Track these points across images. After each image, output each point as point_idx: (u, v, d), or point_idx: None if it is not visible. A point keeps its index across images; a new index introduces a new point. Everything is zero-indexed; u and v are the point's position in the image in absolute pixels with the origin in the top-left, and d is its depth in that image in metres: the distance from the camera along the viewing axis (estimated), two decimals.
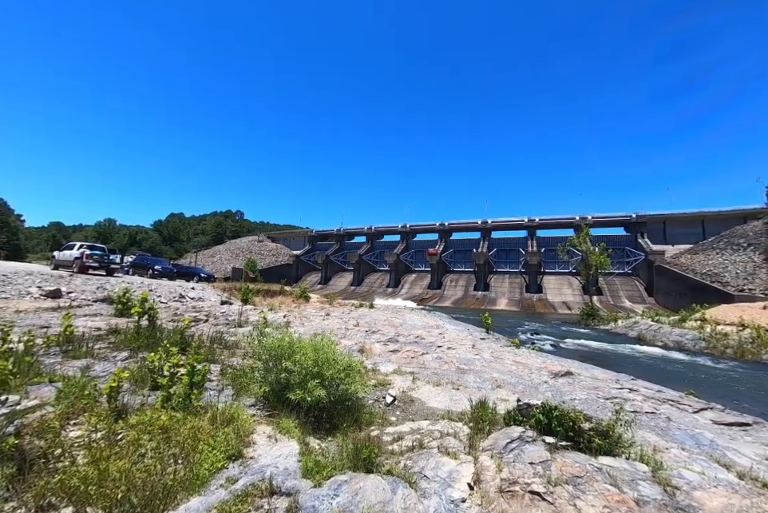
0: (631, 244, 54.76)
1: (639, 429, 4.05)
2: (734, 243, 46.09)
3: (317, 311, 14.63)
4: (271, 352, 4.45)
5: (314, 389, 3.80)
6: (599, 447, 3.21)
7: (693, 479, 2.92)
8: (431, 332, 10.36)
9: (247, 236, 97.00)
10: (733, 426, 4.69)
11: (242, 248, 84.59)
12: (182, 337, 6.28)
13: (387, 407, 4.61)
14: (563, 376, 6.19)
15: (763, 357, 13.97)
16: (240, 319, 10.41)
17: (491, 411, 3.99)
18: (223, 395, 4.39)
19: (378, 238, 79.25)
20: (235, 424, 3.52)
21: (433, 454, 3.09)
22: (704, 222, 53.28)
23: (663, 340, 17.71)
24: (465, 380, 5.60)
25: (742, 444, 4.02)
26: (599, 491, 2.58)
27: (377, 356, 6.92)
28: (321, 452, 3.25)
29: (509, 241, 65.71)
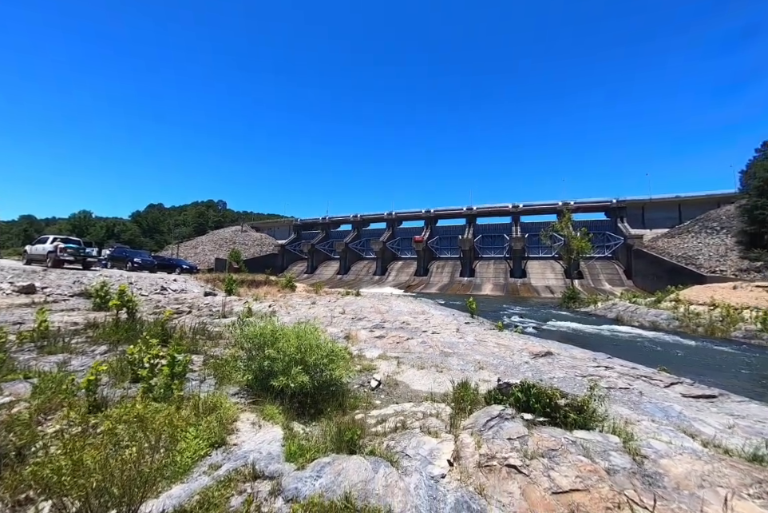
0: (611, 229, 56.12)
1: (613, 403, 4.23)
2: (707, 226, 47.77)
3: (303, 300, 14.58)
4: (254, 341, 4.42)
5: (298, 375, 3.81)
6: (575, 422, 3.33)
7: (660, 449, 3.08)
8: (417, 317, 10.49)
9: (231, 227, 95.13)
10: (700, 398, 4.95)
11: (225, 238, 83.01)
12: (163, 329, 6.18)
13: (372, 391, 4.68)
14: (543, 357, 6.39)
15: (732, 334, 14.71)
16: (224, 310, 10.29)
17: (473, 391, 4.09)
18: (205, 384, 4.36)
19: (364, 226, 78.87)
20: (218, 413, 3.51)
21: (416, 434, 3.16)
22: (680, 207, 54.87)
23: (640, 320, 18.42)
24: (449, 363, 5.71)
25: (708, 415, 4.25)
26: (572, 462, 2.69)
27: (362, 342, 6.97)
28: (305, 436, 3.28)
29: (494, 227, 66.37)
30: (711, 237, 46.12)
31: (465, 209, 67.20)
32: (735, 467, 2.84)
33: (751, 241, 40.20)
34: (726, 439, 3.53)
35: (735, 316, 16.00)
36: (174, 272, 24.01)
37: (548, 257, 57.88)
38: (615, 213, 57.08)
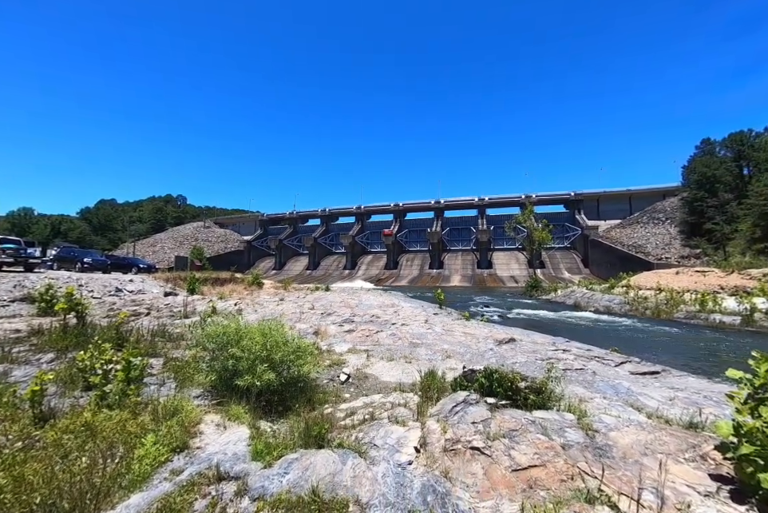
0: (569, 220, 59.15)
1: (570, 383, 4.50)
2: (654, 217, 51.62)
3: (271, 297, 14.26)
4: (217, 340, 4.28)
5: (264, 373, 3.74)
6: (534, 403, 3.52)
7: (610, 422, 3.32)
8: (386, 310, 10.58)
9: (192, 223, 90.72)
10: (646, 375, 5.38)
11: (186, 235, 79.17)
12: (118, 333, 5.83)
13: (342, 385, 4.68)
14: (506, 343, 6.67)
15: (675, 316, 16.06)
16: (186, 310, 9.86)
17: (440, 379, 4.20)
18: (165, 388, 4.17)
19: (333, 220, 78.05)
20: (180, 416, 3.38)
21: (384, 424, 3.21)
22: (631, 199, 58.77)
23: (595, 305, 19.66)
24: (418, 354, 5.83)
25: (652, 389, 4.63)
26: (531, 440, 2.84)
27: (332, 337, 6.94)
28: (272, 434, 3.24)
29: (461, 220, 67.94)
30: (658, 227, 49.90)
31: (433, 203, 68.17)
32: (674, 435, 3.12)
33: (692, 230, 43.92)
34: (667, 410, 3.87)
35: (677, 298, 17.46)
36: (130, 271, 22.63)
37: (512, 248, 60.17)
38: (572, 206, 60.18)
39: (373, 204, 73.57)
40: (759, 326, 13.42)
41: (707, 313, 15.24)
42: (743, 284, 18.84)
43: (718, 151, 46.95)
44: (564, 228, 57.74)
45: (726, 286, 19.36)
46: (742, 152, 43.53)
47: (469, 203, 66.61)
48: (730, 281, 19.72)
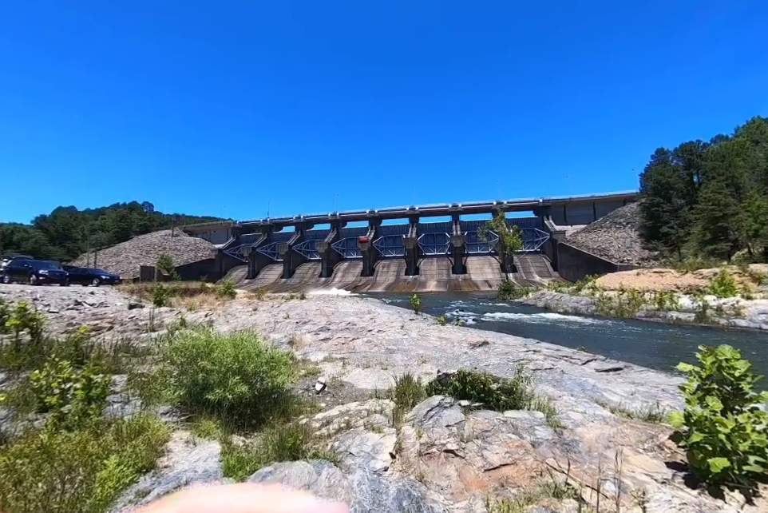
0: (538, 226, 61.44)
1: (540, 383, 4.66)
2: (616, 222, 54.59)
3: (243, 307, 13.89)
4: (186, 353, 4.13)
5: (236, 386, 3.65)
6: (506, 403, 3.63)
7: (577, 419, 3.47)
8: (363, 317, 10.56)
9: (160, 231, 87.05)
10: (610, 371, 5.66)
11: (153, 244, 75.87)
12: (77, 349, 5.49)
13: (317, 394, 4.63)
14: (480, 346, 6.84)
15: (636, 315, 16.97)
16: (152, 322, 9.43)
17: (415, 384, 4.25)
18: (130, 406, 3.98)
19: (308, 227, 77.25)
20: (146, 435, 3.24)
21: (360, 431, 3.21)
22: (595, 204, 61.91)
23: (564, 307, 20.45)
24: (394, 360, 5.86)
25: (616, 385, 4.88)
26: (503, 440, 2.93)
27: (307, 346, 6.86)
28: (245, 449, 3.16)
29: (436, 226, 69.06)
30: (619, 231, 52.79)
31: (408, 209, 68.96)
32: (634, 427, 3.30)
33: (650, 234, 46.78)
34: (629, 404, 4.09)
35: (638, 298, 18.47)
36: (91, 283, 21.38)
37: (485, 253, 61.66)
38: (541, 211, 62.60)
39: (348, 211, 73.51)
40: (711, 322, 14.41)
41: (665, 311, 16.21)
42: (696, 283, 20.20)
43: (671, 160, 50.52)
44: (533, 233, 59.90)
45: (681, 285, 20.69)
46: (692, 161, 47.08)
47: (443, 209, 67.89)
48: (684, 281, 21.09)
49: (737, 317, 14.29)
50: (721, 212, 34.05)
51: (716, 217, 34.41)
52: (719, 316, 14.72)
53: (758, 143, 43.75)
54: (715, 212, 34.42)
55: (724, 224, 34.05)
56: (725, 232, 34.48)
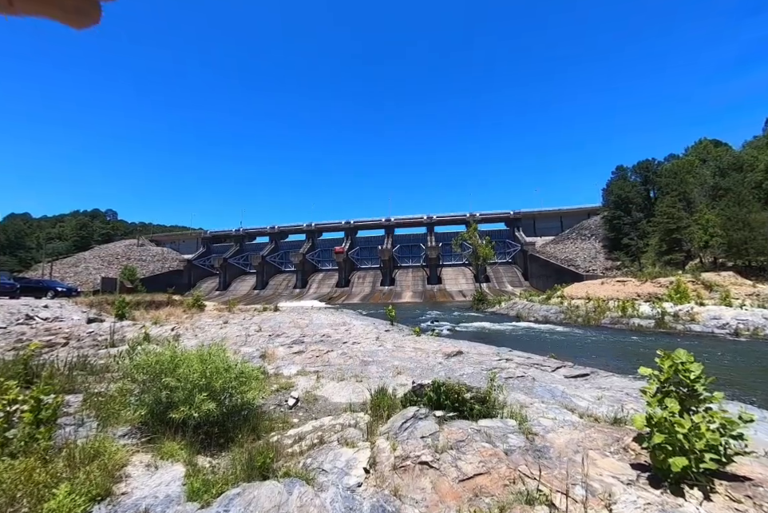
0: (510, 237, 63.49)
1: (512, 391, 4.74)
2: (582, 234, 57.36)
3: (213, 320, 13.36)
4: (148, 370, 3.91)
5: (203, 403, 3.48)
6: (480, 412, 3.66)
7: (548, 425, 3.55)
8: (338, 329, 10.42)
9: (124, 240, 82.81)
10: (578, 377, 5.85)
11: (116, 253, 72.07)
12: (26, 367, 5.08)
13: (290, 409, 4.49)
14: (455, 356, 6.89)
15: (602, 322, 17.72)
16: (113, 337, 8.89)
17: (390, 396, 4.21)
18: (85, 428, 3.70)
19: (282, 238, 76.03)
20: (101, 459, 3.01)
21: (333, 447, 3.13)
22: (562, 217, 64.82)
23: (535, 315, 21.06)
24: (369, 372, 5.79)
25: (584, 390, 5.04)
26: (476, 449, 2.94)
27: (280, 360, 6.67)
28: (211, 470, 3.00)
29: (411, 237, 69.82)
30: (585, 243, 55.45)
31: (383, 220, 69.43)
32: (601, 431, 3.41)
33: (612, 245, 49.45)
34: (596, 408, 4.23)
35: (603, 306, 19.32)
36: (45, 296, 19.93)
37: (459, 264, 62.80)
38: (512, 223, 64.83)
39: (324, 222, 73.11)
40: (669, 327, 15.27)
41: (628, 318, 17.03)
42: (655, 291, 21.42)
43: (630, 176, 54.03)
44: (505, 244, 61.79)
45: (641, 293, 21.86)
46: (648, 177, 50.54)
47: (418, 221, 68.87)
48: (644, 289, 22.31)
49: (692, 323, 15.23)
50: (675, 225, 36.58)
51: (671, 230, 36.92)
52: (676, 321, 15.63)
53: (704, 161, 47.70)
54: (670, 224, 36.94)
55: (678, 236, 36.56)
56: (679, 243, 37.01)
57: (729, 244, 29.38)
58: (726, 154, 46.61)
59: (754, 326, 13.79)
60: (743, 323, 14.12)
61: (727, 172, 39.83)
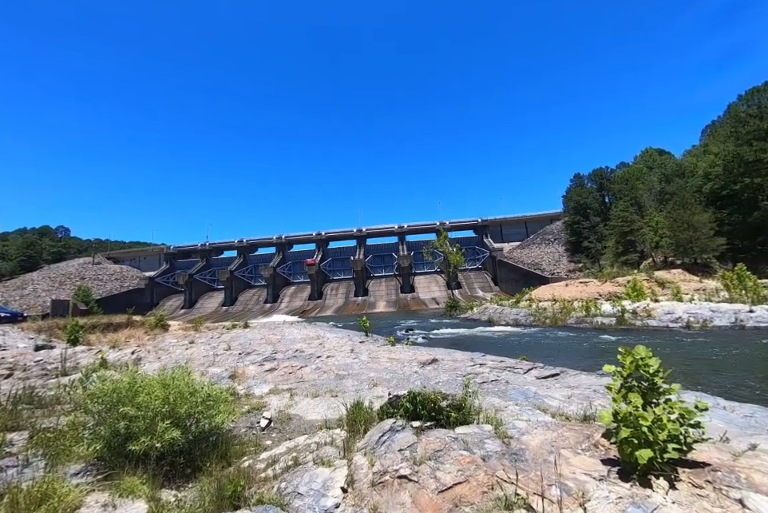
0: (479, 244, 65.30)
1: (487, 395, 4.80)
2: (546, 239, 60.03)
3: (178, 340, 12.66)
4: (104, 400, 3.62)
5: (166, 432, 3.25)
6: (456, 419, 3.66)
7: (522, 427, 3.60)
8: (311, 343, 10.18)
9: (77, 258, 77.27)
10: (549, 378, 6.02)
11: (69, 273, 67.13)
12: None
13: (262, 431, 4.29)
14: (430, 364, 6.91)
15: (568, 322, 18.47)
16: (65, 365, 8.20)
17: (366, 410, 4.13)
18: (31, 469, 3.35)
19: (252, 251, 74.01)
20: (51, 503, 2.73)
21: (309, 468, 3.01)
22: (527, 223, 67.57)
23: (506, 319, 21.62)
24: (344, 386, 5.67)
25: (555, 390, 5.19)
26: (454, 458, 2.93)
27: (251, 379, 6.39)
28: (177, 504, 2.79)
29: (383, 247, 70.15)
30: (549, 247, 58.03)
31: (355, 231, 69.38)
32: (573, 430, 3.50)
33: (574, 248, 52.13)
34: (567, 407, 4.35)
35: (569, 307, 20.18)
36: None
37: (431, 272, 63.65)
38: (480, 231, 66.80)
39: (294, 234, 72.03)
40: (629, 324, 16.16)
41: (591, 317, 17.87)
42: (614, 290, 22.68)
43: (587, 183, 57.49)
44: (474, 251, 63.44)
45: (602, 293, 23.07)
46: (603, 184, 54.02)
47: (389, 230, 69.40)
48: (605, 289, 23.57)
49: (649, 318, 16.20)
50: (628, 228, 39.17)
51: (625, 232, 39.48)
52: (635, 318, 16.57)
53: (651, 168, 51.68)
54: (624, 227, 39.52)
55: (632, 238, 39.13)
56: (633, 244, 39.60)
57: (677, 244, 31.79)
58: (669, 162, 50.76)
59: (703, 318, 14.87)
60: (693, 316, 15.20)
61: (671, 178, 43.33)
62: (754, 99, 33.75)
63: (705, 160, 39.86)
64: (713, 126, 55.70)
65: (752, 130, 32.21)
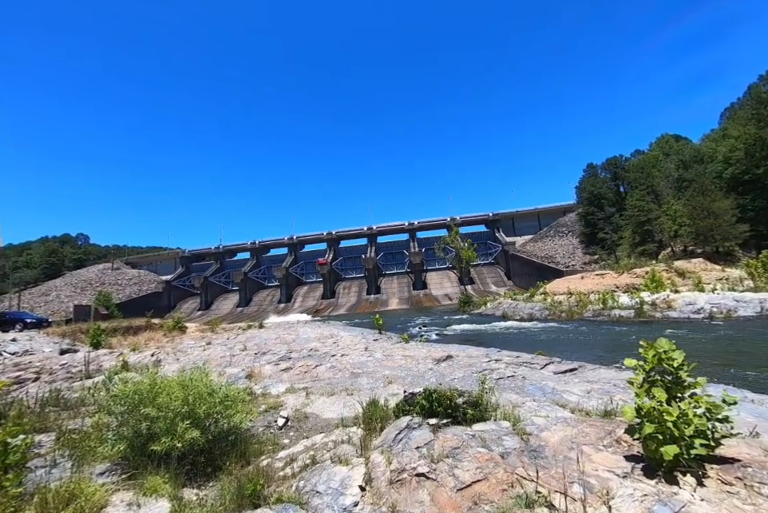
0: (491, 238, 64.54)
1: (504, 391, 4.74)
2: (559, 231, 58.92)
3: (196, 342, 12.91)
4: (126, 401, 3.71)
5: (186, 432, 3.31)
6: (473, 416, 3.62)
7: (541, 424, 3.54)
8: (325, 342, 10.24)
9: (97, 264, 79.57)
10: (567, 373, 5.91)
11: (89, 279, 69.19)
12: None
13: (280, 430, 4.34)
14: (444, 361, 6.87)
15: (585, 315, 18.11)
16: (89, 368, 8.45)
17: (382, 408, 4.12)
18: (58, 469, 3.45)
19: (264, 253, 74.88)
20: (78, 502, 2.81)
21: (326, 466, 3.02)
22: (539, 216, 66.42)
23: (520, 313, 21.34)
24: (359, 384, 5.68)
25: (573, 385, 5.09)
26: (472, 455, 2.90)
27: (267, 378, 6.47)
28: (199, 503, 2.83)
29: (394, 244, 70.02)
30: (563, 239, 56.96)
31: (365, 229, 69.41)
32: (593, 425, 3.42)
33: (589, 240, 51.00)
34: (586, 402, 4.26)
35: (585, 300, 19.79)
36: (13, 328, 18.86)
37: (443, 268, 63.27)
38: (492, 225, 65.99)
39: (305, 234, 72.52)
40: (648, 316, 15.74)
41: (609, 310, 17.48)
42: (632, 282, 22.13)
43: (600, 173, 56.13)
44: (486, 246, 62.74)
45: (620, 285, 22.53)
46: (617, 173, 52.65)
47: (400, 227, 69.19)
48: (622, 280, 23.02)
49: (669, 310, 15.76)
50: (645, 217, 38.09)
51: (642, 222, 38.42)
52: (654, 310, 16.14)
53: (668, 155, 50.09)
54: (641, 217, 38.46)
55: (649, 228, 38.06)
56: (650, 234, 38.51)
57: (696, 232, 30.78)
58: (686, 148, 49.09)
59: (727, 309, 14.38)
60: (716, 306, 14.72)
61: (689, 164, 41.90)
62: None
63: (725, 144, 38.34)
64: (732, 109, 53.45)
65: None
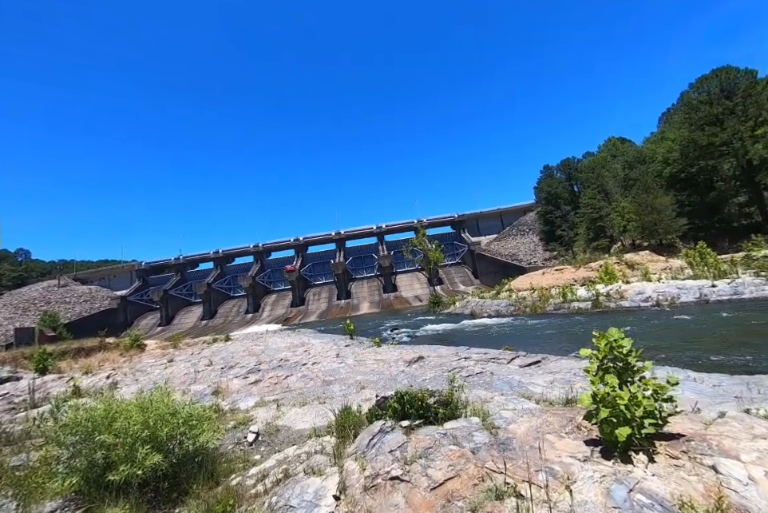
0: (457, 239, 66.19)
1: (473, 388, 4.87)
2: (521, 230, 61.54)
3: (156, 359, 12.18)
4: (78, 429, 3.44)
5: (147, 457, 3.12)
6: (445, 415, 3.69)
7: (508, 416, 3.68)
8: (296, 351, 10.02)
9: (41, 282, 72.91)
10: (531, 365, 6.17)
11: (33, 298, 63.29)
12: None
13: (250, 446, 4.19)
14: (416, 362, 6.95)
15: (547, 309, 19.00)
16: (34, 397, 7.73)
17: (355, 414, 4.10)
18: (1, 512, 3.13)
19: (228, 262, 72.14)
20: None
21: (299, 479, 2.97)
22: (502, 216, 69.01)
23: (488, 311, 22.02)
24: (331, 392, 5.62)
25: (537, 377, 5.33)
26: (445, 453, 2.96)
27: (235, 393, 6.23)
28: None
29: (363, 248, 69.94)
30: (524, 238, 59.56)
31: (333, 234, 68.82)
32: (556, 414, 3.60)
33: (548, 237, 53.73)
34: (550, 392, 4.48)
35: (546, 294, 20.76)
36: None
37: (413, 270, 63.98)
38: (458, 226, 67.71)
39: (272, 241, 70.69)
40: (604, 306, 16.79)
41: (569, 303, 18.46)
42: (588, 275, 23.51)
43: (556, 173, 59.34)
44: (453, 246, 64.26)
45: (577, 278, 23.86)
46: (571, 174, 55.93)
47: (368, 231, 69.24)
48: (579, 274, 24.39)
49: (622, 300, 16.89)
50: (597, 214, 40.76)
51: (594, 219, 41.07)
52: (609, 300, 17.24)
53: (615, 157, 53.90)
54: (593, 214, 41.10)
55: (601, 224, 40.74)
56: (603, 230, 41.24)
57: (642, 227, 33.36)
58: (630, 149, 53.08)
59: (671, 296, 15.64)
60: (662, 294, 15.97)
61: (634, 164, 45.32)
62: (703, 87, 35.70)
63: (663, 146, 41.93)
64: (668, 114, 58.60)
65: (703, 116, 34.22)
